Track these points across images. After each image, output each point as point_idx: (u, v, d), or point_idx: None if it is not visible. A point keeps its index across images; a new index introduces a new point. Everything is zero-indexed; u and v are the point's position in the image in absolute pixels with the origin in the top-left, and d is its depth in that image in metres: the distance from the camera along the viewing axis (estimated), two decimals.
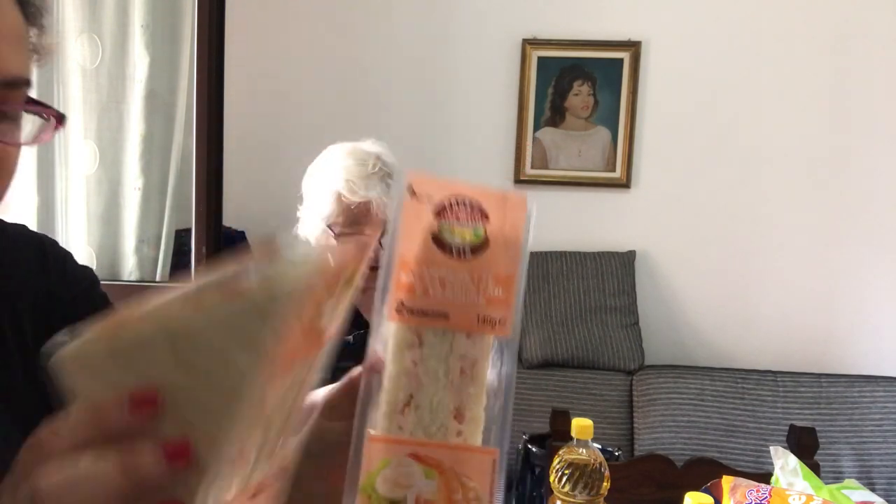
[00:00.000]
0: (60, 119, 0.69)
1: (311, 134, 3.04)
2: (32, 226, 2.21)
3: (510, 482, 2.31)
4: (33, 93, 0.71)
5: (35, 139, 0.68)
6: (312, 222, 1.42)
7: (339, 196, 1.37)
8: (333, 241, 1.40)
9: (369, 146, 1.46)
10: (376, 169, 1.40)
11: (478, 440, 0.52)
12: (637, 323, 2.88)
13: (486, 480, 0.50)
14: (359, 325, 1.45)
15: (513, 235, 0.60)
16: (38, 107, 0.66)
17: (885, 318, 2.87)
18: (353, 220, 1.38)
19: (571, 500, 1.08)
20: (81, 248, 2.15)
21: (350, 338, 1.44)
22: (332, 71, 3.04)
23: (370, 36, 3.01)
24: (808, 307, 2.90)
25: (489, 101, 2.99)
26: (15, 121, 0.65)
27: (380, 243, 1.37)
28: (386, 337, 0.58)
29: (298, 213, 1.47)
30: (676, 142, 2.93)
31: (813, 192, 2.88)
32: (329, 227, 1.39)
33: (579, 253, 2.92)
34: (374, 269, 1.45)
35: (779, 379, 2.68)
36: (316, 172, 1.45)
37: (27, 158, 2.11)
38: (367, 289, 1.50)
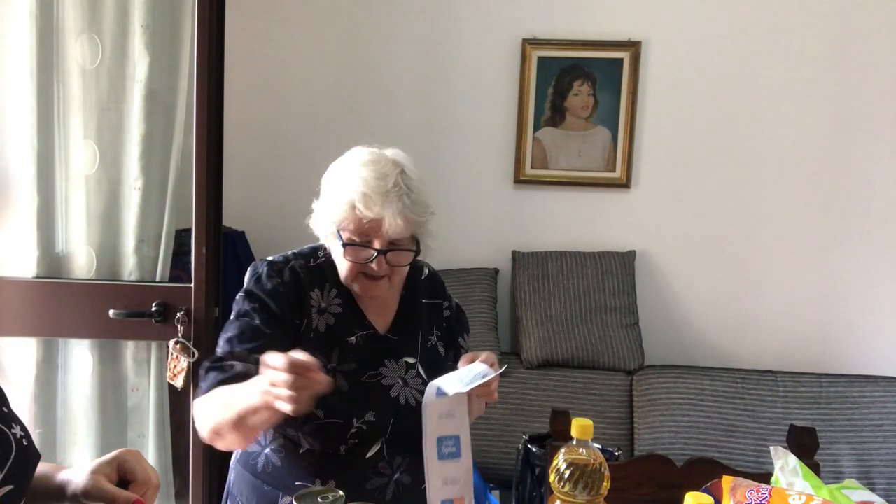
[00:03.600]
0: None
1: (311, 134, 3.06)
2: (32, 226, 2.21)
3: (510, 482, 2.32)
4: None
5: None
6: (324, 222, 1.40)
7: (354, 206, 1.34)
8: (340, 248, 1.37)
9: (394, 157, 1.41)
10: (396, 186, 1.34)
11: None
12: (637, 323, 2.88)
13: None
14: (362, 327, 1.43)
15: None
16: None
17: (885, 318, 2.87)
18: (363, 231, 1.35)
19: (571, 500, 1.08)
20: (81, 248, 2.15)
21: (353, 339, 1.41)
22: (332, 71, 3.04)
23: (370, 36, 3.01)
24: (808, 307, 2.90)
25: (489, 101, 2.99)
26: None
27: (384, 256, 1.34)
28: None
29: (313, 206, 1.44)
30: (676, 142, 2.93)
31: (813, 192, 2.88)
32: (338, 231, 1.37)
33: (579, 253, 2.92)
34: (375, 278, 1.37)
35: (779, 379, 2.68)
36: (336, 174, 1.41)
37: (27, 158, 2.11)
38: (372, 296, 1.42)
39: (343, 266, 1.39)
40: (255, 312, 1.36)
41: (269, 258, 1.45)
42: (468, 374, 1.29)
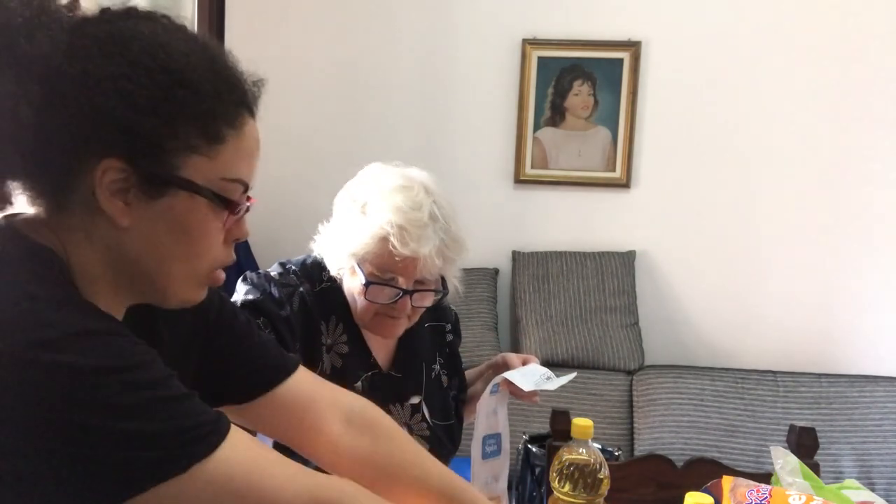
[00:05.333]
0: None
1: (312, 134, 3.06)
2: None
3: (510, 482, 2.32)
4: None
5: None
6: (338, 251, 1.23)
7: (387, 242, 1.16)
8: (359, 283, 1.21)
9: (422, 180, 1.25)
10: (433, 219, 1.19)
11: None
12: (637, 323, 2.88)
13: None
14: (368, 366, 1.29)
15: None
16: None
17: (884, 318, 2.87)
18: (391, 268, 1.19)
19: (571, 500, 1.08)
20: None
21: (359, 384, 1.27)
22: (332, 71, 3.04)
23: (370, 36, 3.01)
24: (808, 307, 2.90)
25: (489, 101, 2.99)
26: None
27: (410, 296, 1.20)
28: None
29: (321, 228, 1.28)
30: (676, 142, 2.93)
31: (813, 192, 2.88)
32: (359, 264, 1.20)
33: (579, 253, 2.92)
34: (394, 317, 1.24)
35: (779, 379, 2.68)
36: (358, 198, 1.22)
37: None
38: (388, 336, 1.29)
39: (359, 303, 1.23)
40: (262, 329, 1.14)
41: (273, 275, 1.27)
42: (533, 374, 1.29)
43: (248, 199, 0.79)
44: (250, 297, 1.24)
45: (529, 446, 2.25)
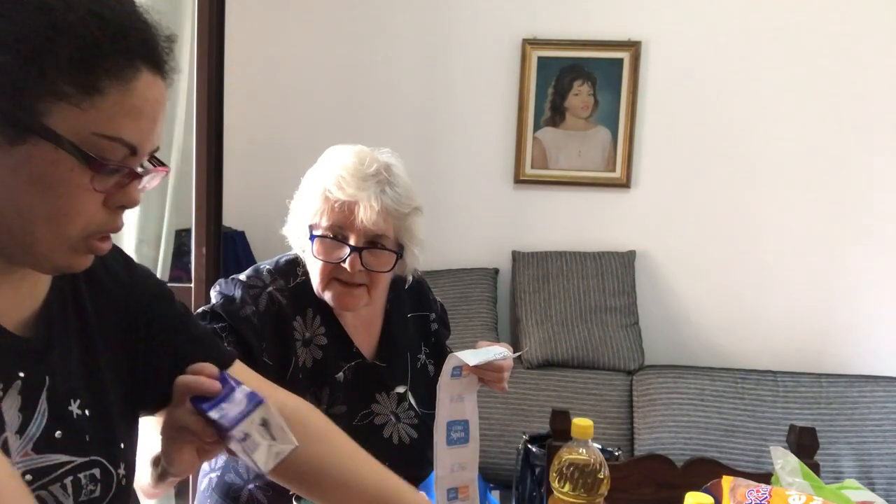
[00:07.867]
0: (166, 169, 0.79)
1: (311, 134, 3.05)
2: None
3: (510, 482, 2.32)
4: None
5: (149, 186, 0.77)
6: (297, 221, 1.27)
7: (326, 193, 1.20)
8: (309, 244, 1.23)
9: (381, 153, 1.27)
10: (377, 174, 1.20)
11: None
12: (637, 323, 2.88)
13: None
14: (349, 356, 1.30)
15: None
16: (159, 164, 0.78)
17: (884, 319, 2.87)
18: (336, 222, 1.20)
19: (571, 500, 1.08)
20: None
21: (341, 374, 1.27)
22: (332, 71, 3.04)
23: (370, 36, 3.01)
24: (808, 307, 2.90)
25: (489, 101, 2.99)
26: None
27: (360, 255, 1.19)
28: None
29: (289, 210, 1.32)
30: (676, 142, 2.93)
31: (812, 193, 2.88)
32: (310, 227, 1.23)
33: (579, 253, 2.92)
34: (351, 286, 1.22)
35: (779, 379, 2.68)
36: (314, 167, 1.29)
37: None
38: (347, 307, 1.26)
39: (315, 269, 1.24)
40: (224, 334, 1.18)
41: (241, 278, 1.28)
42: (486, 352, 1.26)
43: (156, 165, 0.74)
44: (212, 302, 1.25)
45: (529, 446, 2.25)
